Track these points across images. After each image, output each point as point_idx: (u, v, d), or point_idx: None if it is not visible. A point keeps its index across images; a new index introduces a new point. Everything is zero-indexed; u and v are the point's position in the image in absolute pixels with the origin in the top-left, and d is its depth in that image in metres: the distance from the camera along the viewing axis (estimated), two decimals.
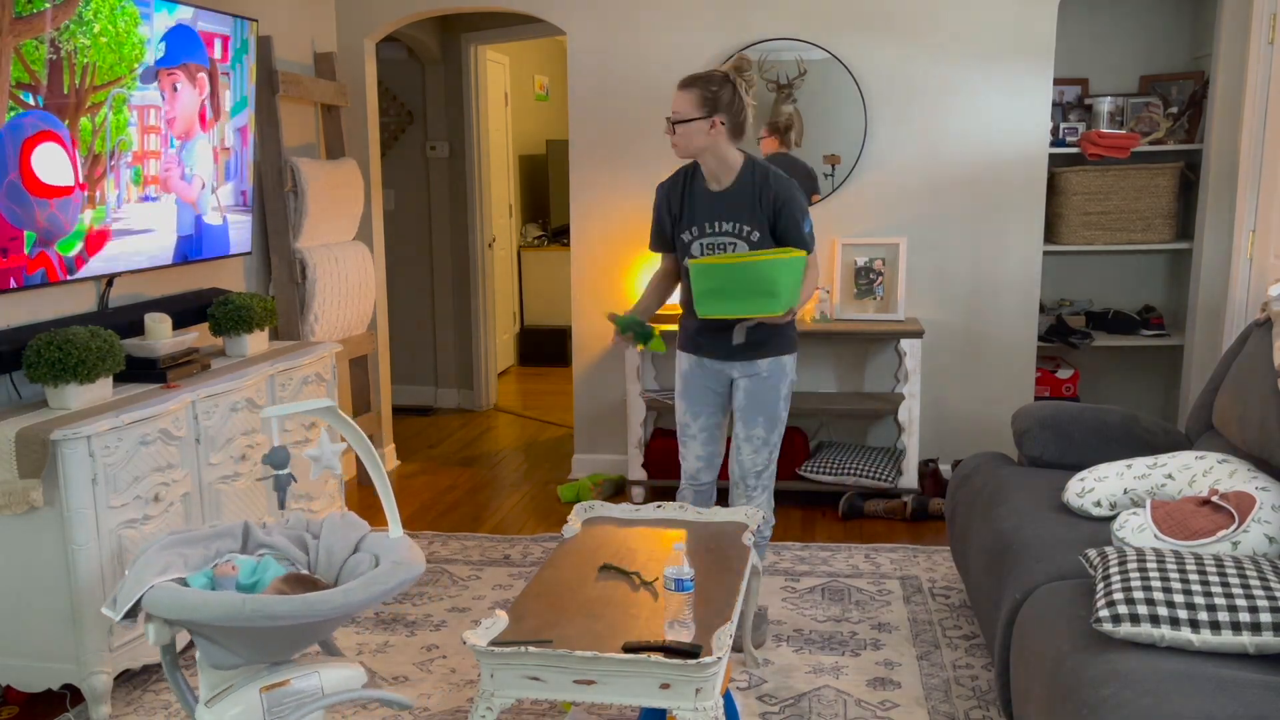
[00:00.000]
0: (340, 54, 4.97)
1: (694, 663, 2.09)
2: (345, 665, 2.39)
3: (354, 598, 2.21)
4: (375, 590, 2.25)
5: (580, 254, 4.92)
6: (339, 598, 2.19)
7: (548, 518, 4.53)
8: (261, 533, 2.57)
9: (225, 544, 2.52)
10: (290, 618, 2.15)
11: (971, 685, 2.99)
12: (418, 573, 2.35)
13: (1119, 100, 4.81)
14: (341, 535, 2.57)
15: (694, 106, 3.01)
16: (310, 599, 2.17)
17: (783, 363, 3.17)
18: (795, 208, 3.05)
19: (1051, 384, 4.94)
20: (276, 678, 2.26)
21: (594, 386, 5.00)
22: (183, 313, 3.64)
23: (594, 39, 4.76)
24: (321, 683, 2.31)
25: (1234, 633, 2.02)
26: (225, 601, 2.15)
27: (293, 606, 2.15)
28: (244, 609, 2.13)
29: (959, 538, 3.27)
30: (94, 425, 2.77)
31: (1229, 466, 2.70)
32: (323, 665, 2.35)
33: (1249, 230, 4.24)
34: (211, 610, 2.14)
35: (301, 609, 2.16)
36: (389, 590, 2.27)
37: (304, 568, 2.53)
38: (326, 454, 2.48)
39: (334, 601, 2.19)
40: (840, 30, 4.59)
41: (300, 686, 2.27)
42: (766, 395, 3.17)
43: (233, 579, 2.35)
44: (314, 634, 2.30)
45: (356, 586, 2.23)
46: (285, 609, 2.15)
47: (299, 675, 2.28)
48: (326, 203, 4.47)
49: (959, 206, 4.63)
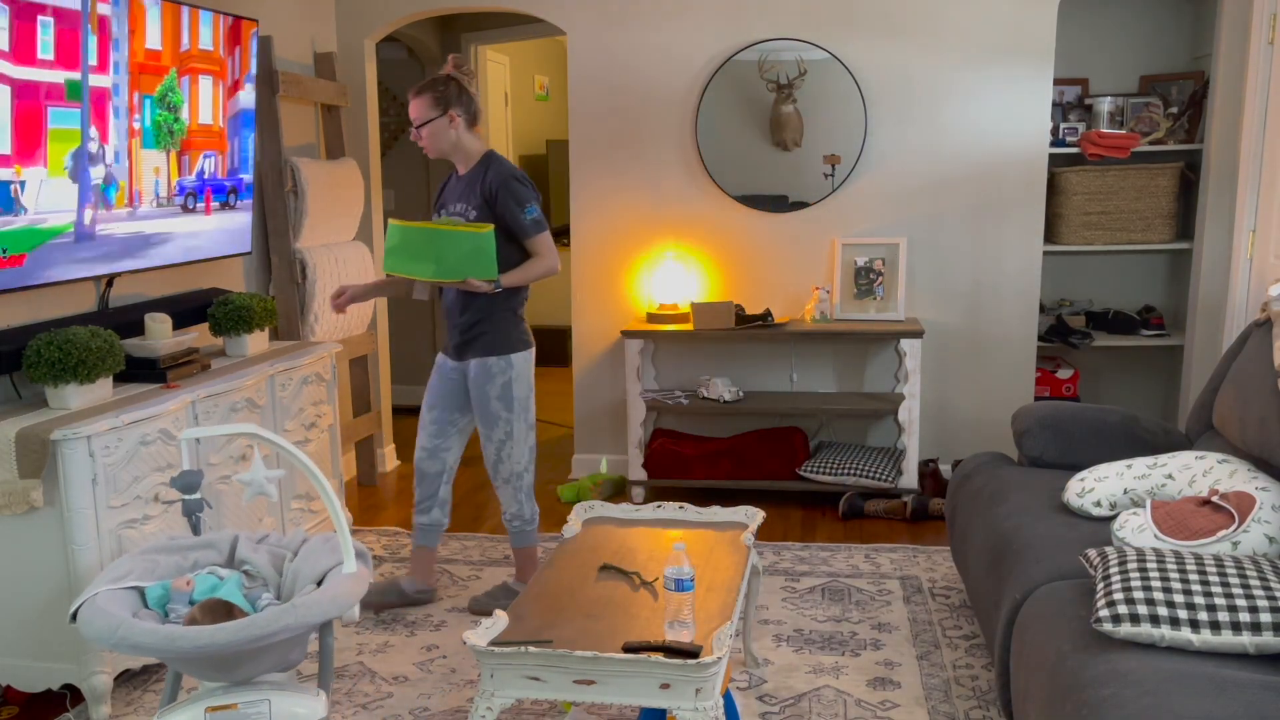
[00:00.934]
0: (340, 54, 4.97)
1: (694, 663, 2.09)
2: (305, 697, 2.24)
3: (218, 639, 2.06)
4: (247, 634, 2.07)
5: (580, 254, 4.92)
6: (204, 637, 2.05)
7: (548, 518, 4.53)
8: (247, 548, 2.51)
9: (207, 555, 2.48)
10: (150, 650, 2.06)
11: (971, 685, 2.99)
12: (309, 621, 2.15)
13: (1119, 100, 4.81)
14: (312, 562, 2.45)
15: (430, 108, 3.28)
16: (174, 634, 2.06)
17: (488, 364, 3.34)
18: (508, 192, 3.26)
19: (1051, 384, 4.94)
20: (225, 700, 2.18)
21: (594, 386, 5.00)
22: (183, 313, 3.64)
23: (594, 39, 4.76)
24: (270, 712, 2.19)
25: (1234, 633, 2.02)
26: (103, 624, 2.09)
27: (155, 640, 2.05)
28: (114, 634, 2.07)
29: (959, 538, 3.27)
30: (94, 425, 2.77)
31: (1229, 466, 2.70)
32: (280, 693, 2.22)
33: (1249, 230, 4.24)
34: (91, 629, 2.10)
35: (162, 643, 2.05)
36: (260, 637, 2.08)
37: (274, 590, 2.46)
38: (258, 479, 2.38)
39: (197, 640, 2.05)
40: (840, 30, 4.59)
41: (247, 713, 2.17)
42: (479, 395, 3.38)
43: (186, 594, 2.30)
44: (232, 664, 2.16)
45: (230, 628, 2.08)
46: (148, 641, 2.06)
47: (249, 701, 2.18)
48: (326, 203, 4.47)
49: (959, 206, 4.63)
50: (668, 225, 4.83)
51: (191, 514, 2.34)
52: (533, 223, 3.29)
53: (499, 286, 3.26)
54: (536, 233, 3.30)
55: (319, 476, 2.31)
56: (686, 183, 4.78)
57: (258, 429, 2.31)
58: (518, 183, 3.29)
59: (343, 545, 2.35)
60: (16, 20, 2.78)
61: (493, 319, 3.34)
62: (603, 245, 4.89)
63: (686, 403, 4.60)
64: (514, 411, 3.39)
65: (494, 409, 3.37)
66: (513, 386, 3.37)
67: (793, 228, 4.75)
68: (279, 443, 2.30)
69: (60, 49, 2.95)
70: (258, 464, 2.40)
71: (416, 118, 3.29)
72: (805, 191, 4.70)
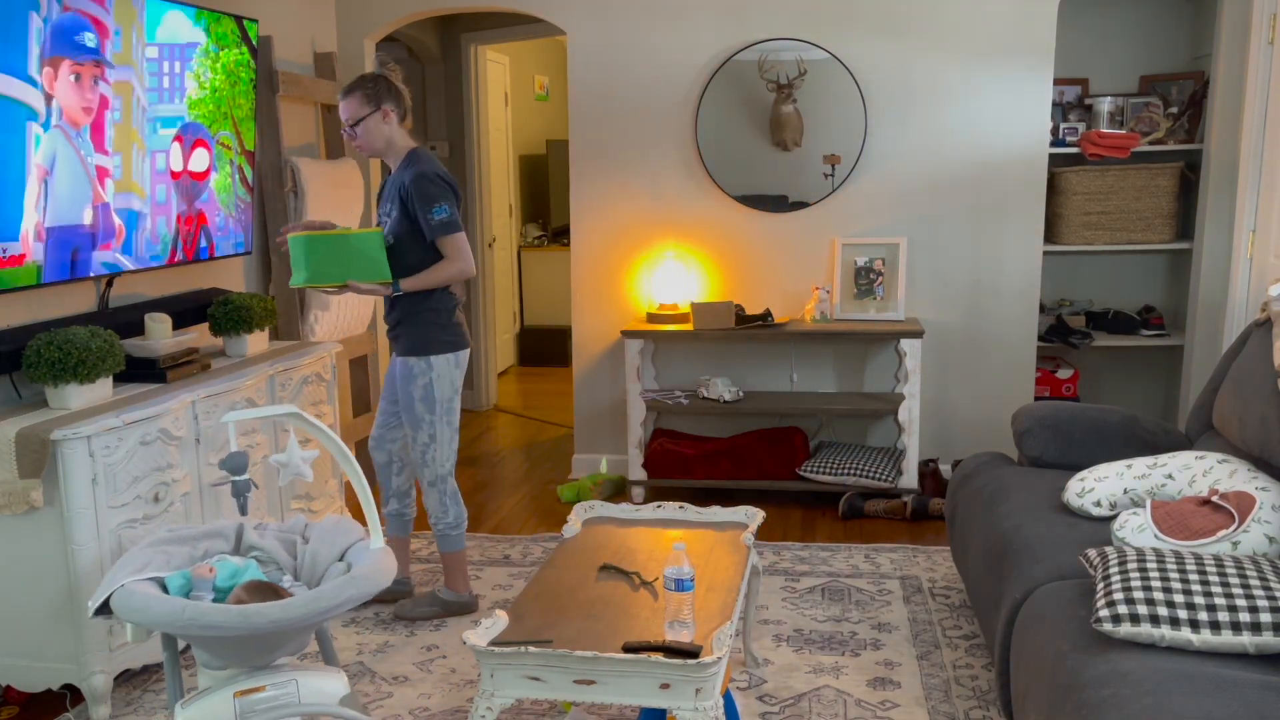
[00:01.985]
0: (340, 54, 4.97)
1: (694, 663, 2.09)
2: (328, 675, 2.29)
3: (293, 613, 2.10)
4: (319, 606, 2.13)
5: (580, 254, 4.92)
6: (276, 612, 2.10)
7: (548, 518, 4.53)
8: (254, 534, 2.54)
9: (215, 544, 2.49)
10: (224, 629, 2.08)
11: (971, 685, 2.99)
12: (370, 591, 2.22)
13: (1119, 100, 4.81)
14: (330, 541, 2.49)
15: (361, 105, 3.26)
16: (247, 611, 2.09)
17: (409, 365, 3.35)
18: (419, 191, 3.21)
19: (1051, 384, 4.94)
20: (253, 683, 2.20)
21: (594, 386, 5.00)
22: (183, 313, 3.64)
23: (594, 39, 4.76)
24: (299, 691, 2.22)
25: (1234, 633, 2.02)
26: (165, 607, 2.10)
27: (228, 617, 2.07)
28: (182, 615, 2.07)
29: (959, 538, 3.27)
30: (94, 425, 2.77)
31: (1229, 466, 2.70)
32: (303, 673, 2.26)
33: (1249, 230, 4.25)
34: (152, 615, 2.10)
35: (237, 621, 2.07)
36: (335, 607, 2.15)
37: (289, 573, 2.49)
38: (294, 460, 2.42)
39: (271, 615, 2.09)
40: (840, 30, 4.59)
41: (275, 694, 2.20)
42: (404, 395, 3.37)
43: (209, 581, 2.31)
44: (277, 643, 2.21)
45: (300, 602, 2.13)
46: (220, 619, 2.07)
47: (275, 682, 2.21)
48: (326, 203, 4.47)
49: (959, 206, 4.63)
50: (668, 225, 4.83)
51: (240, 495, 2.37)
52: (440, 224, 3.21)
53: (397, 290, 3.24)
54: (443, 234, 3.22)
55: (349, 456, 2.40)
56: (686, 183, 4.78)
57: (299, 410, 2.37)
58: (429, 182, 3.21)
59: (370, 522, 2.41)
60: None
61: (412, 320, 3.31)
62: (603, 245, 4.89)
63: (686, 403, 4.60)
64: (435, 414, 3.36)
65: (417, 410, 3.36)
66: (433, 388, 3.33)
67: (793, 228, 4.75)
68: (318, 425, 2.37)
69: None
70: (293, 446, 2.43)
71: (349, 117, 3.25)
72: (805, 191, 4.70)
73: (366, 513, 2.42)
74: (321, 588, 2.19)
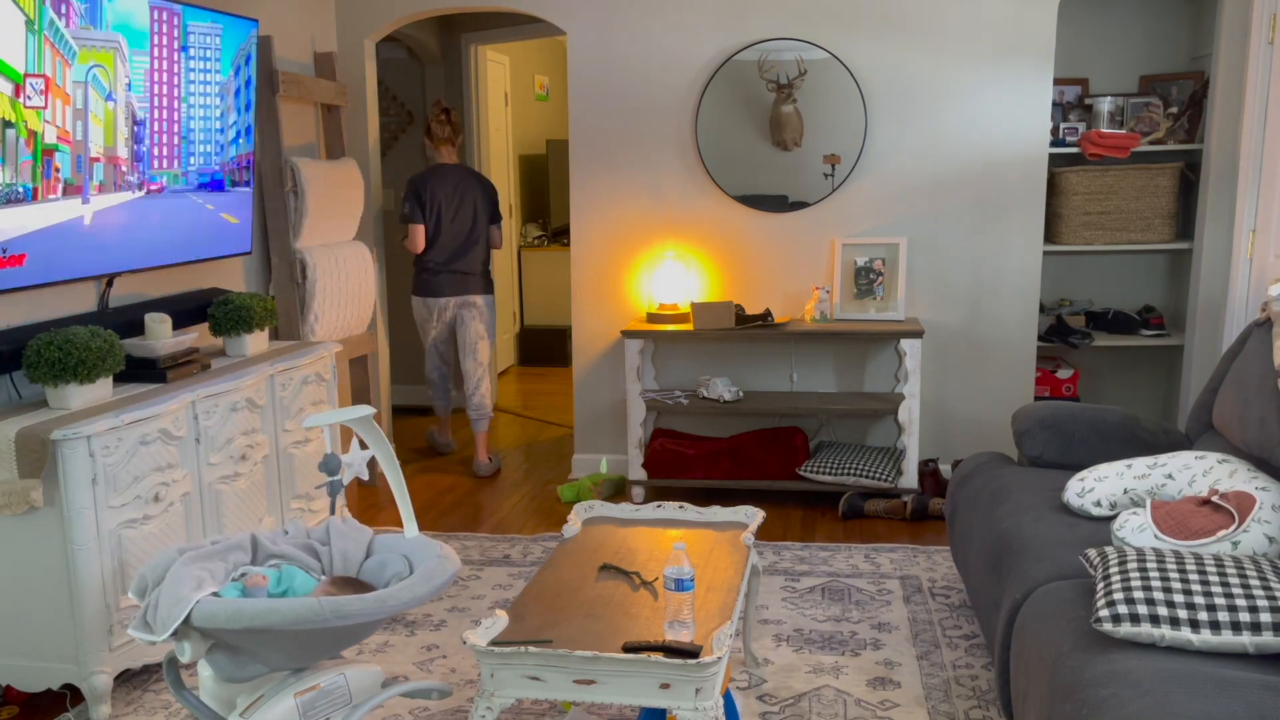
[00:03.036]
0: (340, 54, 4.97)
1: (694, 663, 2.09)
2: (362, 665, 2.42)
3: (419, 591, 2.29)
4: (434, 584, 2.34)
5: (580, 254, 4.92)
6: (406, 593, 2.27)
7: (548, 518, 4.53)
8: (269, 543, 2.55)
9: (238, 557, 2.50)
10: (365, 615, 2.21)
11: (971, 685, 2.99)
12: (458, 566, 2.44)
13: (1119, 100, 4.81)
14: (353, 540, 2.60)
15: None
16: (383, 596, 2.24)
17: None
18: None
19: (1051, 384, 4.94)
20: (306, 683, 2.31)
21: (594, 386, 5.00)
22: (183, 313, 3.64)
23: (594, 39, 4.76)
24: (347, 682, 2.36)
25: (1234, 633, 2.02)
26: (301, 606, 2.17)
27: (367, 605, 2.20)
28: (322, 611, 2.17)
29: (959, 538, 3.27)
30: (94, 425, 2.77)
31: (1229, 466, 2.70)
32: (345, 667, 2.39)
33: (1249, 230, 4.25)
34: (284, 616, 2.16)
35: (376, 606, 2.21)
36: (444, 583, 2.36)
37: (318, 574, 2.54)
38: (358, 461, 2.63)
39: (403, 597, 2.26)
40: (840, 30, 4.59)
41: (328, 689, 2.33)
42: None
43: (264, 589, 2.37)
44: (359, 636, 2.35)
45: (417, 581, 2.31)
46: (360, 607, 2.20)
47: (326, 678, 2.33)
48: (326, 203, 4.47)
49: (959, 206, 4.63)
50: (668, 225, 4.83)
51: (336, 493, 2.57)
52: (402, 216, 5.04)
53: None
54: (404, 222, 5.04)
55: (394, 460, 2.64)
56: (686, 183, 4.78)
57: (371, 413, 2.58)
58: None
59: (404, 514, 2.62)
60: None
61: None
62: (603, 245, 4.89)
63: (686, 403, 4.60)
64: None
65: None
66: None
67: (793, 228, 4.75)
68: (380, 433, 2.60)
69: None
70: (355, 448, 2.66)
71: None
72: (805, 191, 4.70)
73: (402, 507, 2.63)
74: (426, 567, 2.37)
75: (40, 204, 2.96)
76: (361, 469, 2.65)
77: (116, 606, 2.86)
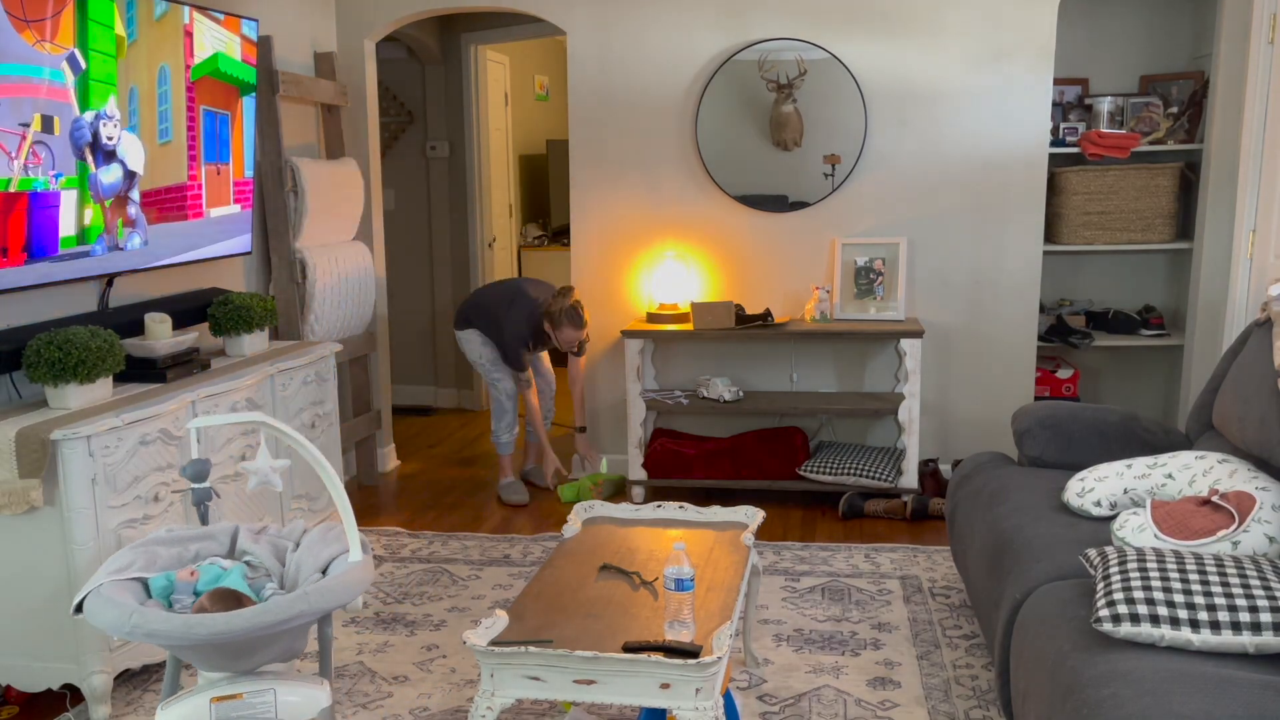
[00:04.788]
0: (340, 54, 4.97)
1: (694, 663, 2.09)
2: (310, 685, 2.25)
3: (235, 625, 2.05)
4: (264, 620, 2.08)
5: (580, 254, 4.92)
6: (220, 624, 2.05)
7: (548, 518, 4.53)
8: (248, 539, 2.51)
9: (208, 546, 2.47)
10: (165, 638, 2.05)
11: (971, 685, 2.99)
12: (323, 607, 2.15)
13: (1119, 100, 4.81)
14: (315, 552, 2.45)
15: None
16: (190, 621, 2.05)
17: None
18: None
19: (1051, 384, 4.94)
20: (231, 690, 2.17)
21: (594, 386, 5.00)
22: (183, 313, 3.64)
23: (594, 39, 4.76)
24: (276, 702, 2.19)
25: (1234, 633, 2.02)
26: (114, 614, 2.08)
27: (170, 627, 2.04)
28: (127, 622, 2.06)
29: (959, 538, 3.27)
30: (94, 425, 2.77)
31: (1229, 466, 2.70)
32: (283, 683, 2.21)
33: (1249, 230, 4.25)
34: (101, 619, 2.09)
35: (179, 630, 2.04)
36: (283, 621, 2.09)
37: (277, 580, 2.46)
38: (263, 468, 2.40)
39: (213, 627, 2.04)
40: (840, 30, 4.59)
41: (253, 702, 2.17)
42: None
43: (191, 584, 2.30)
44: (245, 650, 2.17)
45: (246, 615, 2.07)
46: (164, 628, 2.04)
47: (254, 690, 2.18)
48: (326, 203, 4.47)
49: (959, 206, 4.63)
50: (668, 225, 4.83)
51: (200, 503, 2.35)
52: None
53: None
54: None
55: (324, 465, 2.29)
56: (686, 183, 4.78)
57: (266, 418, 2.28)
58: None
59: (349, 534, 2.32)
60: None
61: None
62: (603, 245, 4.89)
63: (686, 403, 4.60)
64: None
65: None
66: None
67: (793, 228, 4.75)
68: (286, 431, 2.28)
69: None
70: (263, 453, 2.41)
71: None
72: (805, 191, 4.70)
73: (346, 524, 2.33)
74: (270, 601, 2.13)
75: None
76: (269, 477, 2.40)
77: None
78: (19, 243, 2.90)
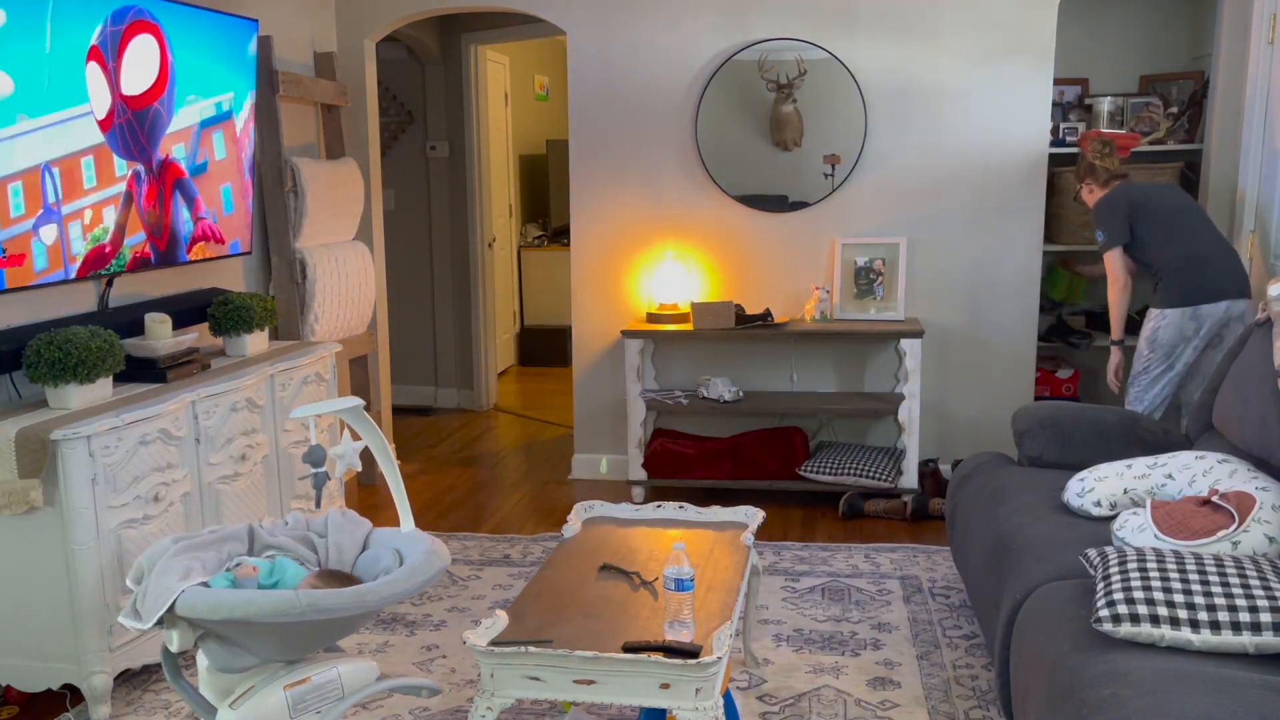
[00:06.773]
0: (340, 54, 4.97)
1: (694, 663, 2.09)
2: (358, 660, 2.41)
3: (400, 588, 2.26)
4: (417, 580, 2.31)
5: (580, 254, 4.92)
6: (386, 589, 2.25)
7: (548, 518, 4.53)
8: (266, 534, 2.57)
9: (233, 547, 2.51)
10: (341, 610, 2.19)
11: (971, 685, 2.99)
12: (448, 561, 2.43)
13: (1119, 100, 4.81)
14: (349, 532, 2.60)
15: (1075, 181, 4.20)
16: (361, 590, 2.22)
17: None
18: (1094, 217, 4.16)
19: (1051, 384, 4.94)
20: (297, 675, 2.29)
21: (594, 386, 5.00)
22: (183, 313, 3.64)
23: (594, 39, 4.76)
24: (340, 677, 2.34)
25: (1234, 633, 2.02)
26: (277, 598, 2.15)
27: (343, 599, 2.19)
28: (298, 604, 2.15)
29: (959, 538, 3.27)
30: (94, 425, 2.76)
31: (1229, 466, 2.70)
32: (339, 661, 2.37)
33: (1249, 230, 4.24)
34: (261, 608, 2.14)
35: (353, 601, 2.20)
36: (429, 579, 2.34)
37: (313, 566, 2.53)
38: (349, 452, 2.57)
39: (382, 593, 2.24)
40: (840, 30, 4.59)
41: (320, 682, 2.31)
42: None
43: (254, 580, 2.36)
44: (346, 629, 2.33)
45: (400, 577, 2.29)
46: (337, 602, 2.18)
47: (318, 672, 2.32)
48: (326, 203, 4.47)
49: (959, 206, 4.63)
50: (668, 225, 4.83)
51: (320, 485, 2.52)
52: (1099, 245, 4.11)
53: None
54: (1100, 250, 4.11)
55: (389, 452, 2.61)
56: (686, 183, 4.78)
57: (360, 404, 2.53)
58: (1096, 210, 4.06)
59: (400, 508, 2.61)
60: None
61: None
62: (603, 245, 4.89)
63: (686, 403, 4.60)
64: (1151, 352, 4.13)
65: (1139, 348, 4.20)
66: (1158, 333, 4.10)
67: (793, 228, 4.75)
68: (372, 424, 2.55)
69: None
70: (348, 440, 2.59)
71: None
72: (805, 191, 4.70)
73: (398, 500, 2.61)
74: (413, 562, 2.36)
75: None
76: (354, 460, 2.59)
77: (116, 606, 2.86)
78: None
